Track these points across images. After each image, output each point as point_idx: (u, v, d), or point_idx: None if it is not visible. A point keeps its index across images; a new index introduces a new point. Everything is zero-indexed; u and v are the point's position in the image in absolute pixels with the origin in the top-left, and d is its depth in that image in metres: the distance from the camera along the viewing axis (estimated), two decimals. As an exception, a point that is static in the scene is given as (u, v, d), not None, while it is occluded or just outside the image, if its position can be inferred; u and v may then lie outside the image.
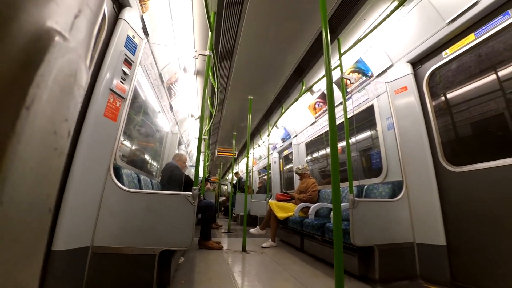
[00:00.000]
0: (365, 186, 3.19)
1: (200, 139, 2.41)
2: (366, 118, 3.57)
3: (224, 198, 11.10)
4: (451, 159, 2.42)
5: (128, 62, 2.25)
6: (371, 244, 2.30)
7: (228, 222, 5.98)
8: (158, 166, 4.97)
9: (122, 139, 2.77)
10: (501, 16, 2.04)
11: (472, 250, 2.13)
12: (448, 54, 2.47)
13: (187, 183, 3.54)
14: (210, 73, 3.78)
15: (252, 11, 2.80)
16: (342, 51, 2.90)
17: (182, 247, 2.03)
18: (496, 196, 1.99)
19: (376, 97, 3.30)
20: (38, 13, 0.23)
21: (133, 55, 2.32)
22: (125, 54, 2.19)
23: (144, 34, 2.55)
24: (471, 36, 2.26)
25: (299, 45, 3.39)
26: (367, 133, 3.67)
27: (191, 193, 2.05)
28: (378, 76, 3.25)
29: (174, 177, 3.56)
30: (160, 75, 3.55)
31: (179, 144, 6.18)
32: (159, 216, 1.99)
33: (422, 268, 2.41)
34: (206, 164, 8.54)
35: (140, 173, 3.15)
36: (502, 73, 2.06)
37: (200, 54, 2.57)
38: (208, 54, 2.55)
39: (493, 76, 2.12)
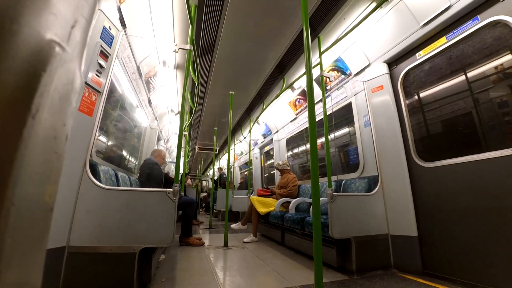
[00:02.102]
0: (343, 181, 3.30)
1: (180, 134, 2.37)
2: (345, 116, 3.68)
3: (205, 194, 11.02)
4: (422, 155, 2.56)
5: (104, 54, 2.16)
6: (349, 236, 2.39)
7: (210, 218, 5.97)
8: (137, 163, 4.84)
9: (98, 135, 2.67)
10: (471, 21, 2.17)
11: (441, 241, 2.28)
12: (422, 55, 2.60)
13: (167, 182, 3.49)
14: (190, 67, 3.72)
15: (234, 6, 2.77)
16: (322, 50, 2.95)
17: (162, 244, 2.01)
18: (463, 190, 2.14)
19: (354, 95, 3.41)
20: (39, 26, 0.24)
21: (110, 47, 2.23)
22: (101, 46, 2.11)
23: (122, 25, 2.46)
24: (443, 39, 2.39)
25: (280, 42, 3.41)
26: (345, 130, 3.78)
27: (171, 189, 2.03)
28: (356, 74, 3.35)
29: (153, 174, 3.49)
30: (138, 68, 3.44)
31: (158, 139, 6.04)
32: (139, 214, 1.95)
33: (395, 258, 2.55)
34: (187, 160, 8.43)
35: (117, 169, 3.05)
36: (470, 74, 2.20)
37: (180, 48, 2.52)
38: (189, 48, 2.51)
39: (462, 77, 2.26)
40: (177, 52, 2.53)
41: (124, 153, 4.13)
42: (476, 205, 2.03)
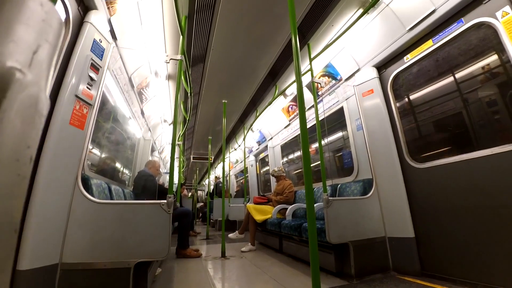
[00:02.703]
0: (338, 185, 3.30)
1: (173, 144, 2.36)
2: (337, 120, 3.70)
3: (202, 204, 10.92)
4: (415, 156, 2.58)
5: (95, 67, 2.15)
6: (346, 241, 2.38)
7: (207, 228, 5.89)
8: (131, 175, 4.78)
9: (90, 148, 2.64)
10: (456, 24, 2.23)
11: (438, 241, 2.28)
12: (409, 58, 2.65)
13: (162, 193, 3.44)
14: (182, 77, 3.72)
15: (224, 15, 2.81)
16: (312, 56, 2.99)
17: (158, 257, 1.97)
18: (456, 189, 2.16)
19: (346, 99, 3.44)
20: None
21: (101, 60, 2.23)
22: (92, 59, 2.10)
23: (112, 37, 2.47)
24: (429, 42, 2.45)
25: (271, 49, 3.45)
26: (338, 134, 3.80)
27: (165, 201, 2.00)
28: (346, 79, 3.40)
29: (147, 185, 3.45)
30: (130, 79, 3.44)
31: (152, 150, 5.99)
32: (133, 227, 1.91)
33: (394, 261, 2.54)
34: (182, 170, 8.37)
35: (111, 182, 3.01)
36: (458, 75, 2.25)
37: (171, 59, 2.53)
38: (180, 58, 2.52)
39: (451, 79, 2.31)
40: (169, 62, 2.54)
41: (118, 165, 4.09)
42: (470, 204, 2.04)
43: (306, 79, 3.68)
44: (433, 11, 2.29)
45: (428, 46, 2.46)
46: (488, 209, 1.92)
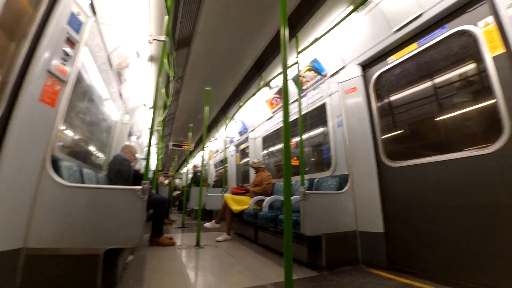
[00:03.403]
0: (316, 179, 3.37)
1: (152, 130, 2.27)
2: (319, 115, 3.74)
3: (179, 192, 10.76)
4: (390, 155, 2.67)
5: (71, 42, 2.01)
6: (319, 233, 2.45)
7: (182, 216, 5.83)
8: (106, 159, 4.59)
9: (63, 128, 2.49)
10: (440, 29, 2.29)
11: (405, 236, 2.40)
12: (393, 60, 2.71)
13: (137, 179, 3.34)
14: (166, 60, 3.59)
15: None
16: (299, 49, 2.98)
17: (129, 245, 1.91)
18: (427, 188, 2.27)
19: (329, 95, 3.48)
20: None
21: (77, 34, 2.08)
22: (68, 32, 1.96)
23: (92, 12, 2.31)
24: (414, 45, 2.51)
25: (259, 40, 3.41)
26: (319, 130, 3.85)
27: (140, 187, 1.93)
28: (331, 76, 3.42)
29: (122, 170, 3.32)
30: (108, 58, 3.25)
31: (130, 135, 5.79)
32: (105, 213, 1.84)
33: (363, 254, 2.64)
34: (160, 156, 8.16)
35: (84, 166, 2.87)
36: (437, 80, 2.33)
37: (155, 39, 2.41)
38: (164, 40, 2.41)
39: (430, 83, 2.39)
40: (152, 43, 2.43)
41: (92, 148, 3.91)
42: (438, 203, 2.16)
43: (291, 73, 3.68)
44: (420, 15, 2.34)
45: (412, 49, 2.52)
46: (453, 209, 2.04)
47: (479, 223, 1.88)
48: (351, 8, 2.71)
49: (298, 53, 2.91)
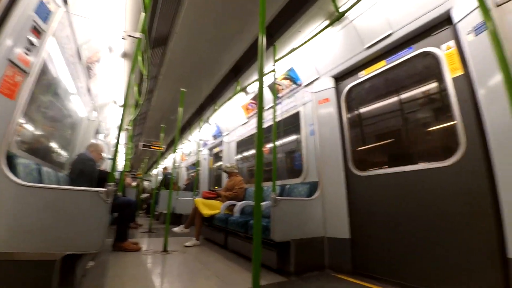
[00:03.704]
0: (287, 186, 3.43)
1: (120, 128, 2.17)
2: (293, 123, 3.82)
3: (147, 195, 10.34)
4: (358, 164, 2.80)
5: (37, 31, 1.88)
6: (289, 239, 2.48)
7: (150, 220, 5.60)
8: (69, 157, 4.30)
9: (22, 122, 2.30)
10: (407, 49, 2.46)
11: (369, 242, 2.51)
12: (364, 74, 2.86)
13: (102, 180, 3.16)
14: (140, 58, 3.47)
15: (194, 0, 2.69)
16: (277, 58, 3.04)
17: (90, 250, 1.80)
18: (389, 196, 2.40)
19: (303, 104, 3.57)
20: None
21: (45, 23, 1.95)
22: (34, 21, 1.83)
23: (63, 1, 2.18)
24: (383, 62, 2.67)
25: (237, 45, 3.42)
26: (293, 137, 3.94)
27: (104, 189, 1.83)
28: (306, 85, 3.53)
29: (86, 171, 3.11)
30: (78, 51, 3.08)
31: (97, 133, 5.48)
32: (64, 216, 1.71)
33: (330, 259, 2.72)
34: (128, 157, 7.81)
35: (43, 164, 2.67)
36: (403, 96, 2.50)
37: (129, 36, 2.33)
38: (139, 37, 2.33)
39: (396, 98, 2.55)
40: (125, 39, 2.34)
41: (55, 145, 3.65)
42: (399, 211, 2.29)
43: (268, 80, 3.74)
44: (390, 34, 2.50)
45: (381, 66, 2.69)
46: (413, 216, 2.18)
47: (436, 230, 2.02)
48: (327, 22, 2.83)
49: (275, 61, 2.97)
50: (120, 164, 9.31)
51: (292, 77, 3.71)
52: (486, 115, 1.79)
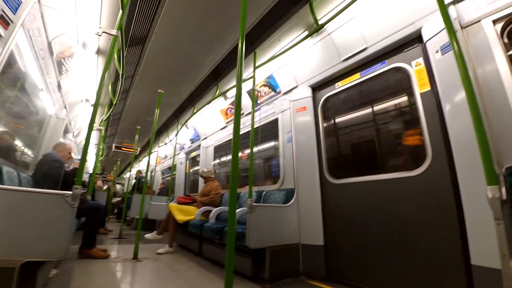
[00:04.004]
0: (264, 192, 3.43)
1: (91, 127, 2.05)
2: (271, 130, 3.86)
3: (119, 199, 9.89)
4: (332, 172, 2.87)
5: (4, 21, 1.76)
6: (264, 246, 2.47)
7: (121, 226, 5.35)
8: (34, 157, 4.02)
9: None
10: (380, 64, 2.59)
11: (342, 249, 2.57)
12: (340, 85, 2.96)
13: (71, 183, 2.98)
14: (115, 56, 3.35)
15: (175, 0, 2.64)
16: (257, 64, 3.07)
17: (52, 257, 1.67)
18: (361, 204, 2.48)
19: (281, 112, 3.62)
20: None
21: (13, 13, 1.83)
22: (2, 10, 1.71)
23: (33, -9, 2.07)
24: (358, 75, 2.79)
25: (218, 49, 3.41)
26: (270, 144, 3.96)
27: (70, 192, 1.71)
28: (285, 93, 3.59)
29: (51, 172, 2.92)
30: (49, 45, 2.92)
31: (66, 132, 5.19)
32: (25, 220, 1.58)
33: (304, 266, 2.74)
34: (100, 158, 7.45)
35: (5, 163, 2.47)
36: (376, 108, 2.61)
37: (104, 32, 2.23)
38: (115, 34, 2.24)
39: (369, 110, 2.66)
40: (101, 35, 2.23)
41: (18, 143, 3.40)
42: (370, 217, 2.37)
43: (248, 86, 3.75)
44: (365, 49, 2.62)
45: (356, 78, 2.80)
46: (384, 223, 2.26)
47: (405, 236, 2.11)
48: (306, 33, 2.92)
49: (255, 68, 3.00)
50: (91, 166, 8.85)
51: (271, 84, 3.76)
52: (451, 129, 1.91)
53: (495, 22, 1.81)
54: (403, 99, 2.40)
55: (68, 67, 3.66)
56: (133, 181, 9.11)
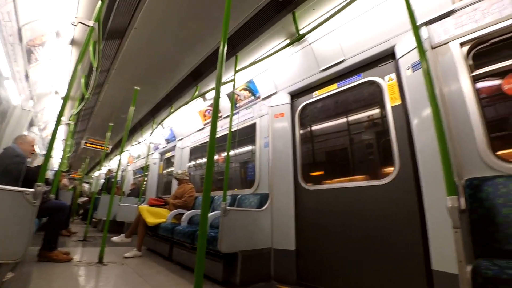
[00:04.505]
0: (239, 196, 3.42)
1: (58, 122, 1.94)
2: (249, 134, 3.87)
3: (86, 199, 9.37)
4: (306, 178, 2.93)
5: (-35, 1, 1.63)
6: (236, 250, 2.46)
7: (86, 228, 5.05)
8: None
9: None
10: (356, 76, 2.71)
11: (312, 254, 2.61)
12: (317, 95, 3.05)
13: (33, 180, 2.78)
14: (91, 48, 3.21)
15: (158, -3, 2.59)
16: (238, 68, 3.09)
17: (8, 260, 1.55)
18: (332, 210, 2.55)
19: (260, 116, 3.65)
20: None
21: (-23, -5, 1.70)
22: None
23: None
24: (334, 85, 2.89)
25: (200, 49, 3.38)
26: (247, 148, 3.97)
27: (32, 190, 1.61)
28: (264, 99, 3.63)
29: (11, 168, 2.69)
30: (19, 31, 2.73)
31: (31, 125, 4.86)
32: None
33: (275, 271, 2.75)
34: (67, 155, 7.03)
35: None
36: (350, 118, 2.72)
37: (80, 23, 2.13)
38: (92, 25, 2.15)
39: (344, 119, 2.76)
40: (76, 25, 2.13)
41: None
42: (342, 223, 2.44)
43: (228, 88, 3.74)
44: (343, 61, 2.73)
45: (333, 88, 2.90)
46: (353, 229, 2.34)
47: (373, 242, 2.19)
48: (288, 41, 2.99)
49: (236, 71, 3.01)
50: (56, 162, 8.34)
51: (251, 89, 3.78)
52: (417, 142, 2.03)
53: (462, 44, 1.96)
54: (376, 111, 2.52)
55: (39, 56, 3.45)
56: (102, 180, 8.69)
